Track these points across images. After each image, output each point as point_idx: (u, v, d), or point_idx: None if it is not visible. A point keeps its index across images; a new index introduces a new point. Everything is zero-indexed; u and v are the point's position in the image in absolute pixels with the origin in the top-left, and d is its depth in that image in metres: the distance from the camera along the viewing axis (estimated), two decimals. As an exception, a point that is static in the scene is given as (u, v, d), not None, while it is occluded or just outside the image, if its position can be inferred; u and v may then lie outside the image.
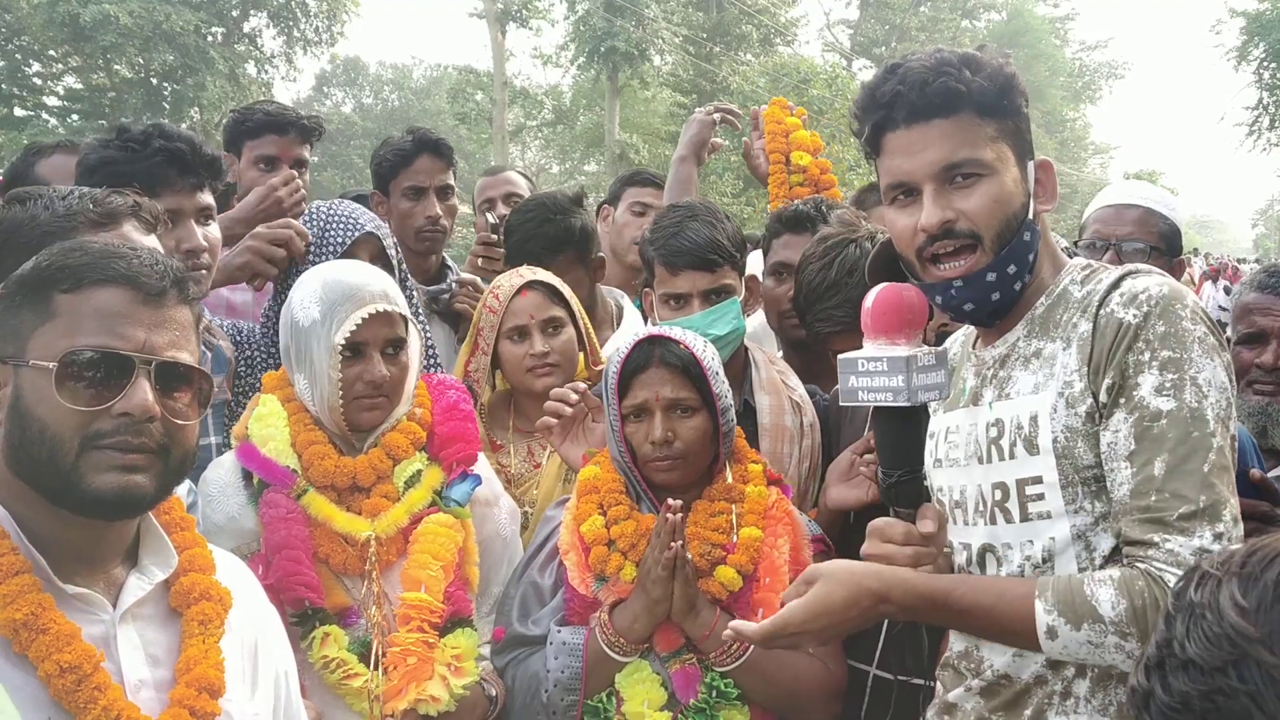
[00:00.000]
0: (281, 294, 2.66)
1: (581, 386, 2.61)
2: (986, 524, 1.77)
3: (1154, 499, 1.57)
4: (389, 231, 2.84)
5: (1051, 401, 1.68)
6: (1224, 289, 17.31)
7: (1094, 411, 1.65)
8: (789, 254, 2.98)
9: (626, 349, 2.30)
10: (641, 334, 2.35)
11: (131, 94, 26.86)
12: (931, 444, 1.91)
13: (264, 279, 2.77)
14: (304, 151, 3.47)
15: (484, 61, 40.02)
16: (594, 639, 2.18)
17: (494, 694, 2.24)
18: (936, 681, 1.99)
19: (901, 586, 1.64)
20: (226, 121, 3.64)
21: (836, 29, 45.59)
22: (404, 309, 2.27)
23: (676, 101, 30.43)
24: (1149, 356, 1.60)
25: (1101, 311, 1.66)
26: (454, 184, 3.50)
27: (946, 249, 1.72)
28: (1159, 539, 1.55)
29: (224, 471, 2.27)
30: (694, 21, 31.03)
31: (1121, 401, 1.62)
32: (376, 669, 2.11)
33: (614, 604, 2.20)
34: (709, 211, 2.69)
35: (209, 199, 2.56)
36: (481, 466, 2.41)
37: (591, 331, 2.96)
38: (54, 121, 26.88)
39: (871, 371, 1.69)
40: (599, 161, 32.90)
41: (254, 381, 2.60)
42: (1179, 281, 1.77)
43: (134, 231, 2.05)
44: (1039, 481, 1.69)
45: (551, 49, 33.14)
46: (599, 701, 2.18)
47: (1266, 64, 28.21)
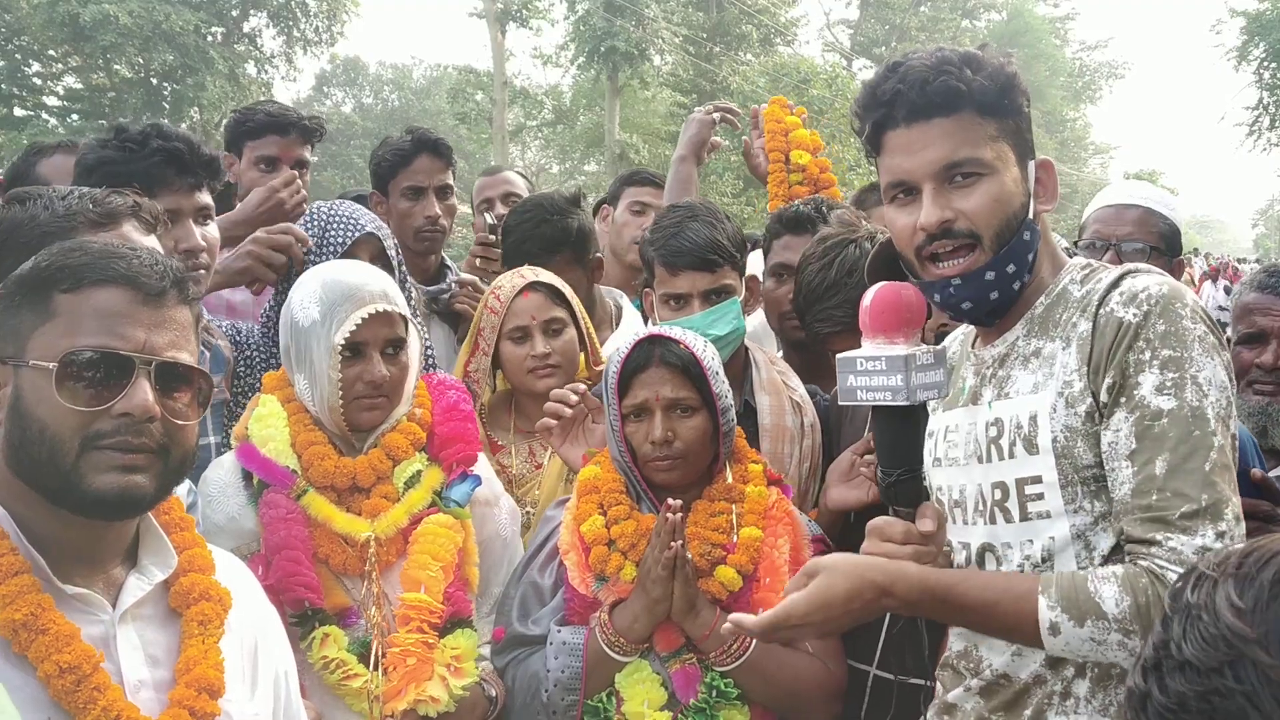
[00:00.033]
0: (281, 294, 2.65)
1: (581, 388, 2.60)
2: (986, 523, 1.77)
3: (1155, 498, 1.57)
4: (389, 232, 2.84)
5: (1051, 401, 1.68)
6: (1224, 289, 17.32)
7: (1094, 411, 1.65)
8: (789, 255, 2.97)
9: (627, 349, 2.30)
10: (642, 334, 2.35)
11: (131, 94, 26.87)
12: (931, 443, 1.91)
13: (263, 284, 2.77)
14: (305, 152, 3.47)
15: (484, 61, 40.04)
16: (594, 639, 2.18)
17: (494, 694, 2.24)
18: (936, 682, 1.99)
19: (904, 580, 1.62)
20: (228, 122, 3.64)
21: (836, 29, 45.63)
22: (404, 309, 2.27)
23: (676, 101, 30.43)
24: (1149, 355, 1.60)
25: (1101, 311, 1.66)
26: (453, 184, 3.49)
27: (945, 248, 1.72)
28: (1161, 537, 1.55)
29: (224, 472, 2.26)
30: (694, 21, 31.03)
31: (1122, 401, 1.62)
32: (376, 669, 2.11)
33: (614, 604, 2.19)
34: (709, 212, 2.68)
35: (207, 199, 2.55)
36: (481, 467, 2.41)
37: (593, 332, 2.96)
38: (54, 121, 26.90)
39: (870, 370, 1.69)
40: (599, 161, 32.90)
41: (254, 382, 2.60)
42: (1179, 281, 1.77)
43: (134, 231, 2.04)
44: (1038, 481, 1.69)
45: (551, 49, 33.20)
46: (599, 701, 2.18)
47: (1266, 64, 28.21)
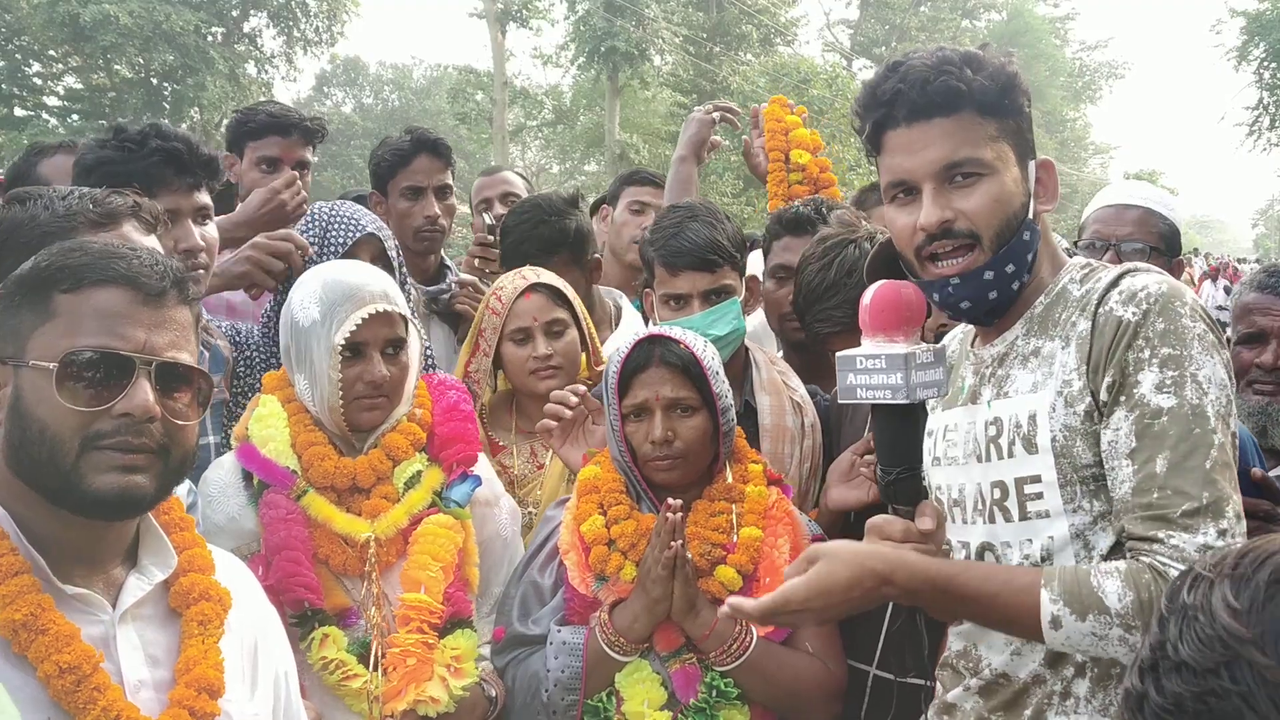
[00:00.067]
0: (282, 295, 2.65)
1: (581, 389, 2.60)
2: (985, 522, 1.77)
3: (1156, 496, 1.57)
4: (390, 233, 2.84)
5: (1050, 400, 1.68)
6: (1224, 289, 17.32)
7: (1093, 410, 1.65)
8: (789, 256, 2.97)
9: (627, 348, 2.30)
10: (642, 333, 2.35)
11: (131, 94, 26.87)
12: (930, 442, 1.91)
13: (261, 290, 2.76)
14: (306, 153, 3.47)
15: (484, 61, 40.07)
16: (594, 638, 2.18)
17: (494, 694, 2.23)
18: (936, 682, 1.99)
19: (906, 569, 1.60)
20: (229, 122, 3.64)
21: (836, 29, 45.64)
22: (404, 309, 2.27)
23: (676, 101, 30.43)
24: (1149, 354, 1.60)
25: (1100, 310, 1.66)
26: (452, 184, 3.49)
27: (945, 248, 1.72)
28: (1163, 535, 1.55)
29: (224, 472, 2.26)
30: (694, 21, 31.04)
31: (1122, 400, 1.61)
32: (376, 670, 2.11)
33: (614, 603, 2.19)
34: (709, 212, 2.68)
35: (206, 199, 2.55)
36: (482, 467, 2.40)
37: (594, 332, 2.96)
38: (54, 121, 26.90)
39: (870, 369, 1.68)
40: (599, 161, 32.91)
41: (254, 382, 2.60)
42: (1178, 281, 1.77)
43: (134, 232, 2.04)
44: (1037, 480, 1.69)
45: (551, 49, 33.23)
46: (599, 701, 2.18)
47: (1266, 64, 28.22)
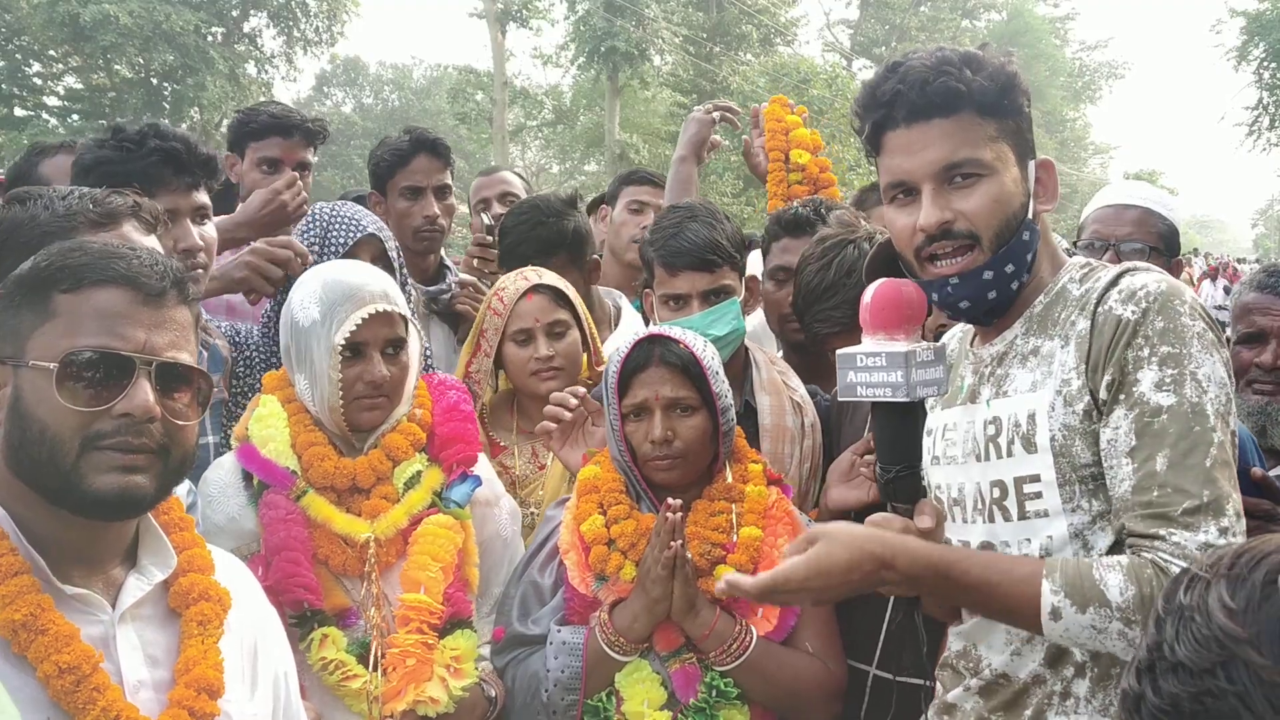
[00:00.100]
0: (282, 295, 2.65)
1: (581, 391, 2.60)
2: (985, 522, 1.77)
3: (1156, 494, 1.56)
4: (391, 234, 2.84)
5: (1050, 400, 1.68)
6: (1224, 289, 17.33)
7: (1091, 409, 1.65)
8: (788, 258, 2.97)
9: (627, 348, 2.30)
10: (641, 333, 2.35)
11: (131, 94, 26.87)
12: (929, 441, 1.91)
13: (259, 295, 2.76)
14: (308, 155, 3.46)
15: (484, 61, 40.07)
16: (594, 638, 2.18)
17: (493, 695, 2.23)
18: (935, 682, 1.99)
19: (907, 554, 1.59)
20: (231, 122, 3.64)
21: (836, 29, 45.65)
22: (404, 309, 2.27)
23: (676, 101, 30.44)
24: (1148, 352, 1.60)
25: (1100, 309, 1.66)
26: (451, 183, 3.49)
27: (945, 249, 1.71)
28: (1165, 532, 1.54)
29: (224, 472, 2.26)
30: (694, 21, 31.04)
31: (1121, 398, 1.61)
32: (375, 670, 2.11)
33: (614, 603, 2.20)
34: (708, 212, 2.68)
35: (204, 198, 2.55)
36: (482, 467, 2.40)
37: (595, 333, 2.95)
38: (54, 121, 26.91)
39: (870, 367, 1.68)
40: (599, 161, 32.91)
41: (254, 382, 2.60)
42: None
43: (134, 232, 2.04)
44: (1037, 480, 1.69)
45: (551, 49, 33.22)
46: (599, 701, 2.18)
47: (1266, 64, 28.22)
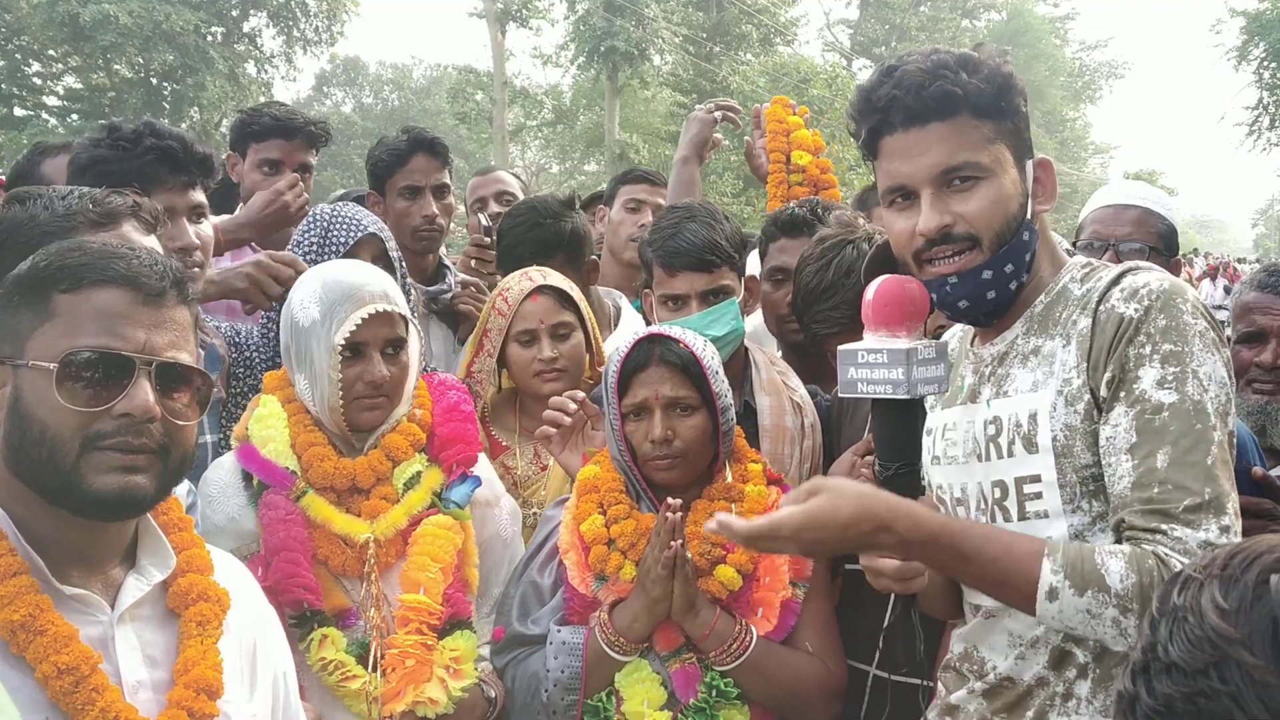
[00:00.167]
0: (281, 297, 2.65)
1: (580, 395, 2.59)
2: (987, 522, 1.77)
3: (1157, 490, 1.56)
4: (391, 234, 2.84)
5: (1051, 400, 1.68)
6: (1224, 288, 17.34)
7: (1092, 409, 1.64)
8: (786, 259, 2.97)
9: (626, 348, 2.30)
10: (641, 333, 2.35)
11: (131, 94, 26.88)
12: (929, 441, 1.91)
13: (256, 308, 2.75)
14: (309, 157, 3.46)
15: (484, 61, 40.08)
16: (594, 638, 2.18)
17: (493, 695, 2.23)
18: (936, 683, 1.99)
19: (908, 518, 1.55)
20: (233, 122, 3.64)
21: (836, 29, 45.66)
22: (404, 309, 2.27)
23: (676, 101, 30.45)
24: (1150, 350, 1.60)
25: (1101, 307, 1.66)
26: (450, 183, 3.48)
27: (944, 253, 1.71)
28: (1166, 527, 1.54)
29: (224, 472, 2.26)
30: (694, 21, 31.05)
31: (1121, 395, 1.61)
32: (375, 671, 2.11)
33: (614, 603, 2.19)
34: (707, 212, 2.67)
35: (201, 197, 2.55)
36: (482, 467, 2.40)
37: (598, 333, 2.95)
38: (54, 121, 26.92)
39: (871, 364, 1.68)
40: (599, 161, 32.92)
41: (254, 383, 2.59)
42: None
43: (133, 232, 2.04)
44: (1037, 480, 1.69)
45: (551, 49, 33.25)
46: (599, 701, 2.18)
47: (1266, 64, 28.23)
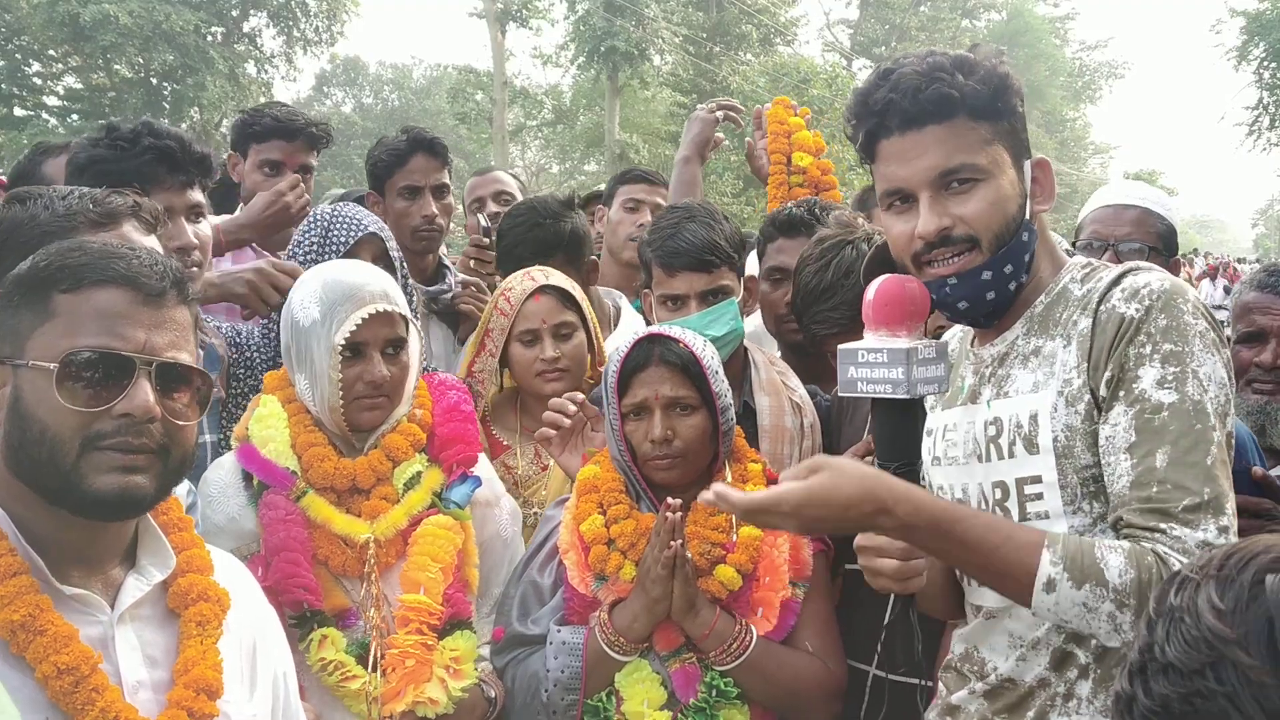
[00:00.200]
0: (281, 303, 2.65)
1: (580, 396, 2.59)
2: None
3: (1156, 490, 1.56)
4: (391, 234, 2.84)
5: (1052, 400, 1.68)
6: (1224, 289, 17.34)
7: (1092, 409, 1.64)
8: (783, 258, 2.97)
9: (626, 347, 2.30)
10: (641, 333, 2.35)
11: (131, 94, 26.88)
12: (929, 441, 1.91)
13: (254, 314, 2.75)
14: (310, 158, 3.46)
15: (484, 61, 40.10)
16: (594, 638, 2.18)
17: (493, 695, 2.23)
18: (936, 682, 1.99)
19: (910, 503, 1.55)
20: (234, 122, 3.64)
21: (836, 29, 45.67)
22: (404, 309, 2.27)
23: (676, 101, 30.46)
24: (1150, 349, 1.60)
25: (1102, 307, 1.66)
26: (449, 183, 3.48)
27: (944, 255, 1.71)
28: (1165, 526, 1.54)
29: (224, 472, 2.26)
30: (694, 21, 31.05)
31: (1121, 394, 1.61)
32: (375, 671, 2.11)
33: (614, 603, 2.19)
34: (707, 213, 2.67)
35: (199, 196, 2.55)
36: (482, 467, 2.40)
37: (599, 334, 2.95)
38: (54, 121, 26.92)
39: (871, 363, 1.68)
40: (599, 161, 32.92)
41: (255, 383, 2.59)
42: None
43: (134, 232, 2.04)
44: (1038, 481, 1.69)
45: (551, 49, 33.27)
46: (599, 701, 2.18)
47: (1266, 64, 28.23)
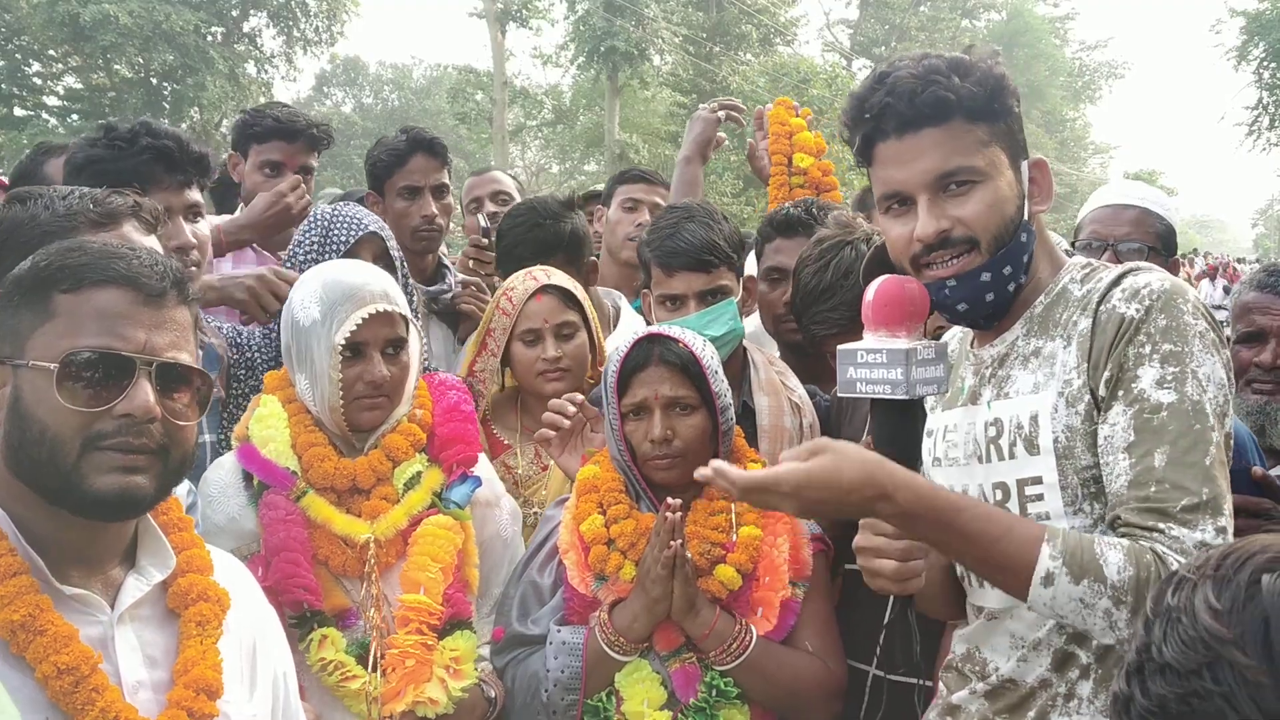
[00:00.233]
0: (279, 311, 2.65)
1: (579, 397, 2.59)
2: None
3: (1154, 489, 1.55)
4: (391, 233, 2.84)
5: (1052, 401, 1.68)
6: (1223, 288, 17.34)
7: (1092, 409, 1.64)
8: (781, 259, 2.97)
9: (626, 347, 2.30)
10: (641, 332, 2.35)
11: (131, 94, 26.88)
12: (929, 442, 1.91)
13: (252, 319, 2.75)
14: (310, 159, 3.46)
15: (484, 61, 40.10)
16: (594, 638, 2.18)
17: (493, 695, 2.23)
18: (937, 682, 1.99)
19: (911, 490, 1.53)
20: (235, 122, 3.64)
21: (836, 29, 45.68)
22: (404, 309, 2.27)
23: (676, 101, 30.46)
24: (1150, 349, 1.60)
25: (1102, 308, 1.66)
26: (449, 183, 3.48)
27: (943, 258, 1.71)
28: (1163, 526, 1.54)
29: (224, 472, 2.26)
30: (694, 21, 31.05)
31: (1120, 394, 1.61)
32: (374, 671, 2.11)
33: (613, 603, 2.20)
34: (705, 213, 2.67)
35: (197, 196, 2.56)
36: (482, 467, 2.40)
37: (600, 334, 2.95)
38: (54, 121, 26.92)
39: (870, 364, 1.67)
40: (599, 161, 32.92)
41: (255, 384, 2.59)
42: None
43: (134, 232, 2.05)
44: (1039, 482, 1.69)
45: (551, 49, 33.27)
46: (599, 701, 2.18)
47: (1266, 64, 28.23)
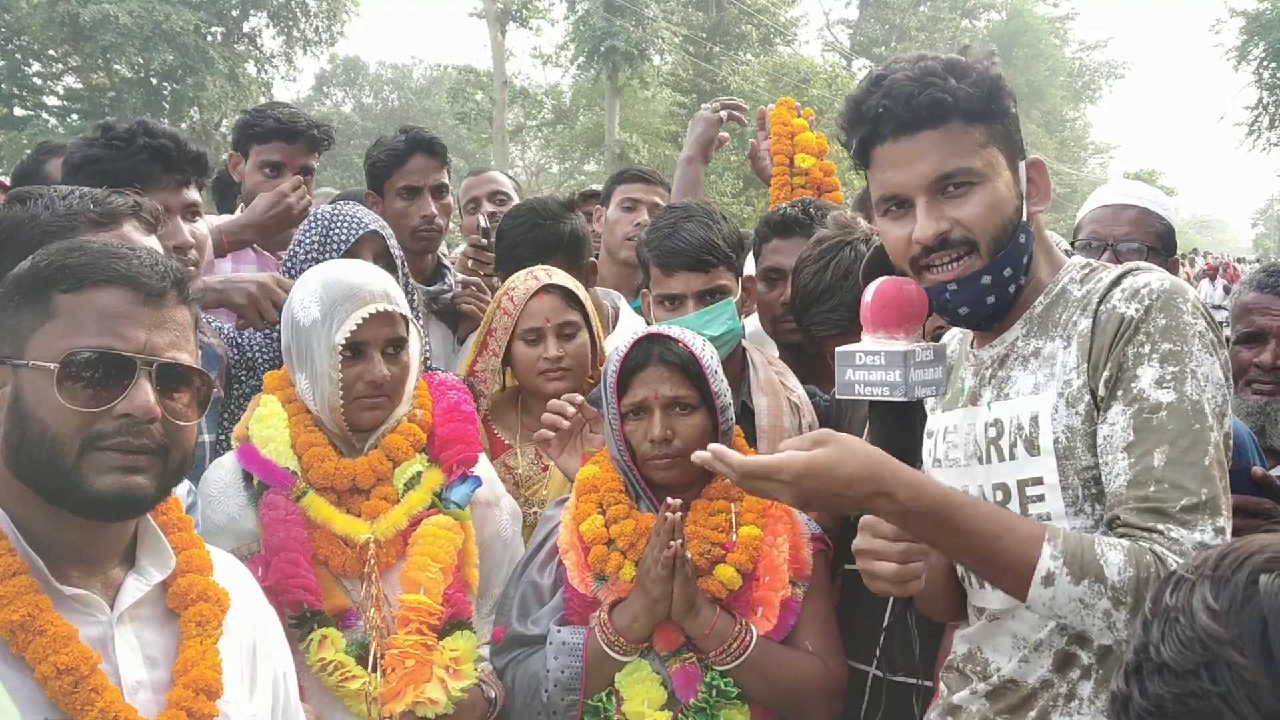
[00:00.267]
0: (277, 319, 2.64)
1: (579, 398, 2.59)
2: None
3: (1153, 489, 1.55)
4: (392, 232, 2.84)
5: (1052, 402, 1.68)
6: (1223, 289, 17.35)
7: (1092, 410, 1.64)
8: (779, 259, 2.97)
9: (625, 347, 2.30)
10: (640, 332, 2.35)
11: (131, 94, 26.88)
12: (930, 443, 1.91)
13: (249, 325, 2.75)
14: (311, 160, 3.46)
15: (484, 61, 40.12)
16: (594, 638, 2.18)
17: (493, 695, 2.23)
18: (937, 683, 1.99)
19: (911, 488, 1.54)
20: (236, 121, 3.64)
21: (836, 29, 45.71)
22: (404, 308, 2.27)
23: (676, 101, 30.48)
24: (1149, 349, 1.59)
25: (1102, 308, 1.66)
26: (449, 183, 3.48)
27: (942, 259, 1.71)
28: (1162, 526, 1.53)
29: (224, 472, 2.26)
30: (694, 21, 31.06)
31: (1119, 394, 1.61)
32: (374, 671, 2.11)
33: (613, 603, 2.20)
34: (705, 212, 2.67)
35: (195, 195, 2.56)
36: (482, 467, 2.40)
37: (601, 334, 2.95)
38: (54, 121, 26.92)
39: (869, 365, 1.67)
40: (599, 161, 32.93)
41: (256, 384, 2.59)
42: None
43: (134, 232, 2.05)
44: (1039, 483, 1.69)
45: (551, 49, 33.31)
46: (599, 701, 2.18)
47: (1266, 64, 28.24)
